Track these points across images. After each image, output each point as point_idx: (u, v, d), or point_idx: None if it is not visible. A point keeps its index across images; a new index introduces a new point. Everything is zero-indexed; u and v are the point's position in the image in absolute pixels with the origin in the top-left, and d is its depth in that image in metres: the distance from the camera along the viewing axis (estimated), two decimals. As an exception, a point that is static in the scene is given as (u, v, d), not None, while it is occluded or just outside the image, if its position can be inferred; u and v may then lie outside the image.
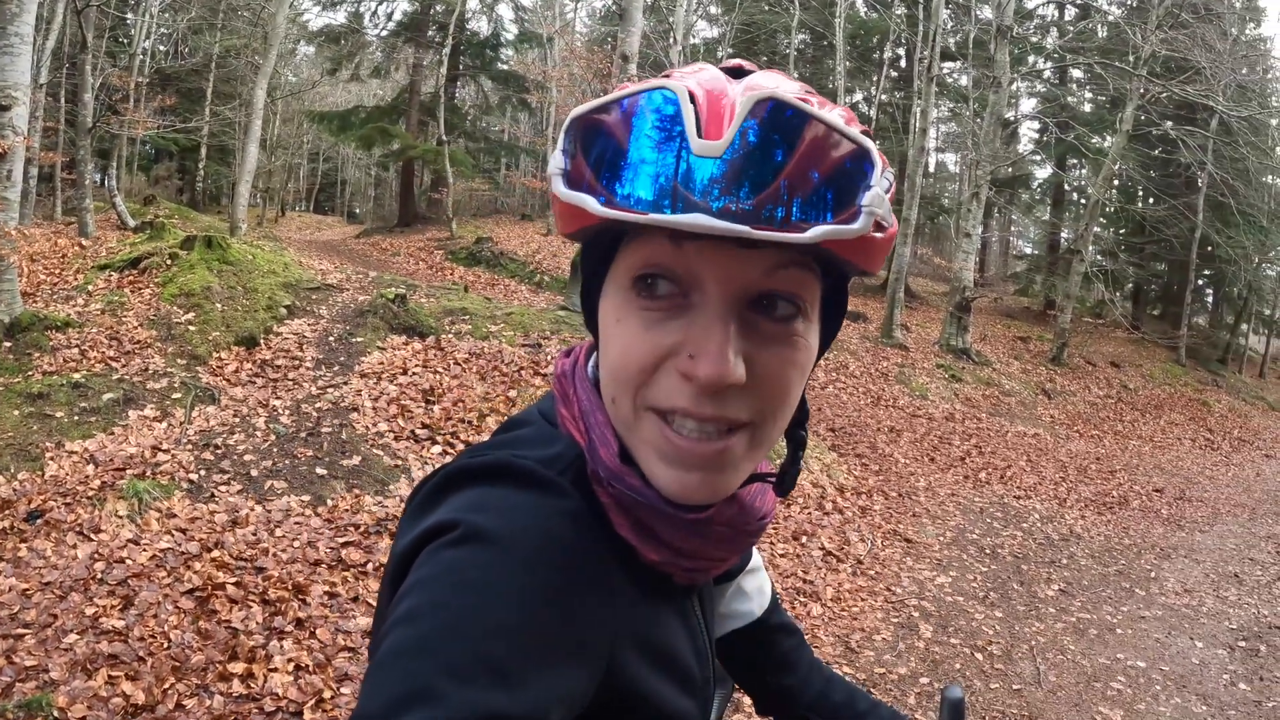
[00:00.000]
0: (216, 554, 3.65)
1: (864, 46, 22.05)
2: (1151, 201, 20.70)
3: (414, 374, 5.97)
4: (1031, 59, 20.38)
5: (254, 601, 3.40)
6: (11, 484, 4.01)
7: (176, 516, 3.95)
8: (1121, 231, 22.39)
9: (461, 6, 19.72)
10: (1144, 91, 15.37)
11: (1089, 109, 21.83)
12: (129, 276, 6.90)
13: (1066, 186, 23.98)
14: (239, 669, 3.01)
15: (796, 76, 0.57)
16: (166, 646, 3.05)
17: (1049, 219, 23.65)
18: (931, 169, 26.81)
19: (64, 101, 13.66)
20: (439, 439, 5.21)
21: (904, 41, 19.61)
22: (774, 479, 0.65)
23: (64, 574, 3.36)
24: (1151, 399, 15.05)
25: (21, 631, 3.01)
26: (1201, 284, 23.09)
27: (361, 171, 34.38)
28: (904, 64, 21.51)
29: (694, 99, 0.49)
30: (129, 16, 16.73)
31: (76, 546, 3.57)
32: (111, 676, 2.86)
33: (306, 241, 17.60)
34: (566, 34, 23.12)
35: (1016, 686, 3.98)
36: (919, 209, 15.91)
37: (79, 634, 3.03)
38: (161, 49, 17.71)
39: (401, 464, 4.86)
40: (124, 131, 15.24)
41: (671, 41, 15.00)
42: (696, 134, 0.47)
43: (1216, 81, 13.77)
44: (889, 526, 6.04)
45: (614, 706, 0.55)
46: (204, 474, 4.40)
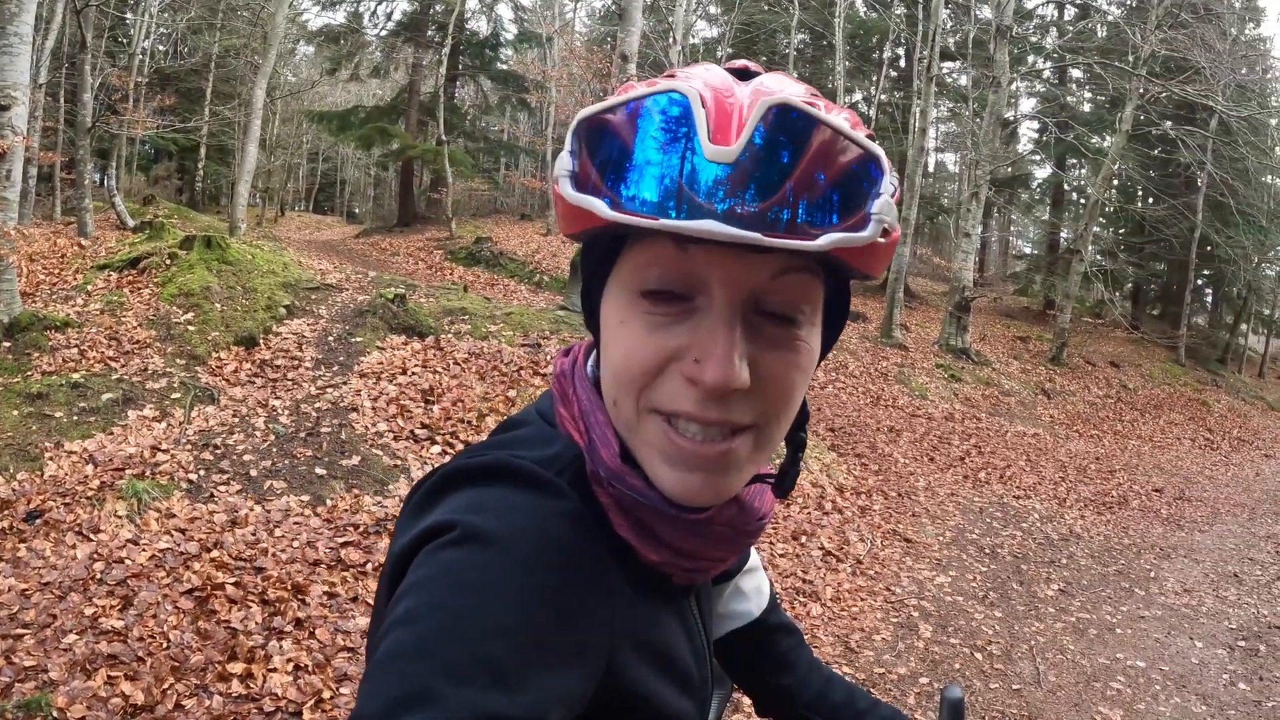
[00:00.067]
0: (216, 554, 3.65)
1: (863, 46, 22.06)
2: (1151, 201, 20.71)
3: (413, 374, 5.97)
4: (1031, 59, 20.37)
5: (253, 601, 3.40)
6: (11, 484, 4.01)
7: (176, 516, 3.95)
8: (1121, 231, 22.40)
9: (461, 6, 19.73)
10: (1143, 91, 15.38)
11: (1088, 109, 21.83)
12: (128, 276, 6.89)
13: (1066, 186, 23.98)
14: (238, 669, 3.00)
15: (796, 76, 0.57)
16: (166, 646, 3.05)
17: (1048, 219, 23.65)
18: (931, 169, 26.83)
19: (63, 101, 13.67)
20: (438, 439, 5.21)
21: (903, 41, 19.61)
22: (773, 479, 0.64)
23: (63, 574, 3.36)
24: (1151, 399, 15.05)
25: (21, 632, 3.01)
26: (1201, 284, 23.11)
27: (361, 171, 34.37)
28: (903, 64, 21.51)
29: (704, 102, 0.48)
30: (128, 16, 16.72)
31: (76, 547, 3.57)
32: (111, 677, 2.85)
33: (306, 241, 17.59)
34: (566, 34, 23.10)
35: (1016, 686, 3.98)
36: (918, 209, 15.92)
37: (78, 634, 3.03)
38: (161, 49, 17.70)
39: (401, 464, 4.86)
40: (123, 131, 15.23)
41: (671, 41, 15.01)
42: (708, 138, 0.47)
43: (1216, 81, 13.78)
44: (888, 526, 6.04)
45: (613, 707, 0.55)
46: (203, 474, 4.40)
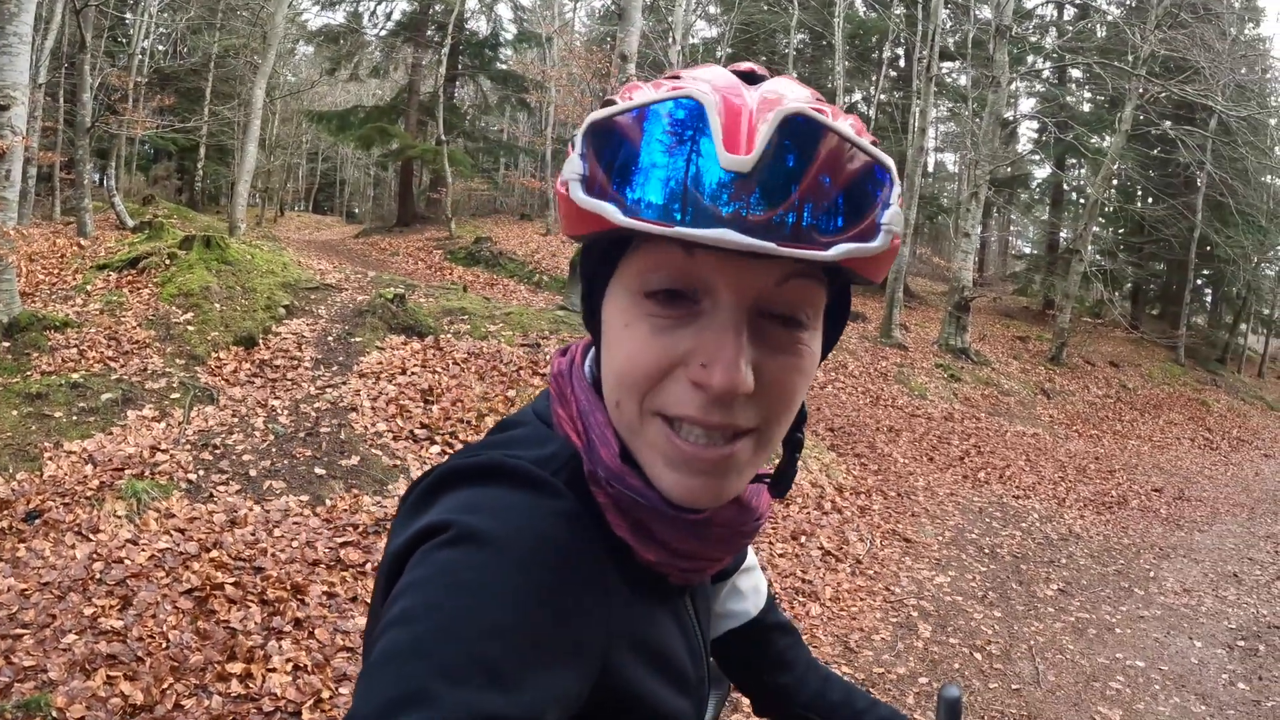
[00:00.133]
0: (215, 554, 3.65)
1: (863, 46, 22.05)
2: (1150, 201, 20.70)
3: (413, 374, 5.97)
4: (1030, 59, 20.36)
5: (252, 601, 3.40)
6: (10, 484, 4.01)
7: (175, 516, 3.95)
8: (1120, 231, 22.40)
9: (460, 6, 19.72)
10: (1143, 91, 15.38)
11: (1088, 109, 21.83)
12: (127, 276, 6.89)
13: (1065, 186, 23.98)
14: (237, 669, 3.00)
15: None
16: (165, 646, 3.05)
17: (1048, 219, 23.66)
18: (930, 168, 26.82)
19: (63, 101, 13.66)
20: (437, 439, 5.21)
21: (903, 41, 19.61)
22: (769, 479, 0.65)
23: (62, 574, 3.36)
24: (1150, 399, 15.06)
25: (20, 632, 3.01)
26: (1200, 284, 23.11)
27: (360, 171, 34.36)
28: (903, 64, 21.51)
29: (718, 108, 0.48)
30: (128, 16, 16.71)
31: (75, 547, 3.57)
32: (110, 676, 2.85)
33: (305, 241, 17.58)
34: (565, 34, 23.11)
35: (1015, 686, 3.98)
36: (918, 209, 15.93)
37: (77, 634, 3.03)
38: (160, 49, 17.68)
39: (400, 464, 4.86)
40: (123, 131, 15.23)
41: (671, 41, 15.02)
42: (722, 146, 0.47)
43: (1215, 81, 13.77)
44: (888, 526, 6.04)
45: (609, 707, 0.55)
46: (202, 474, 4.40)
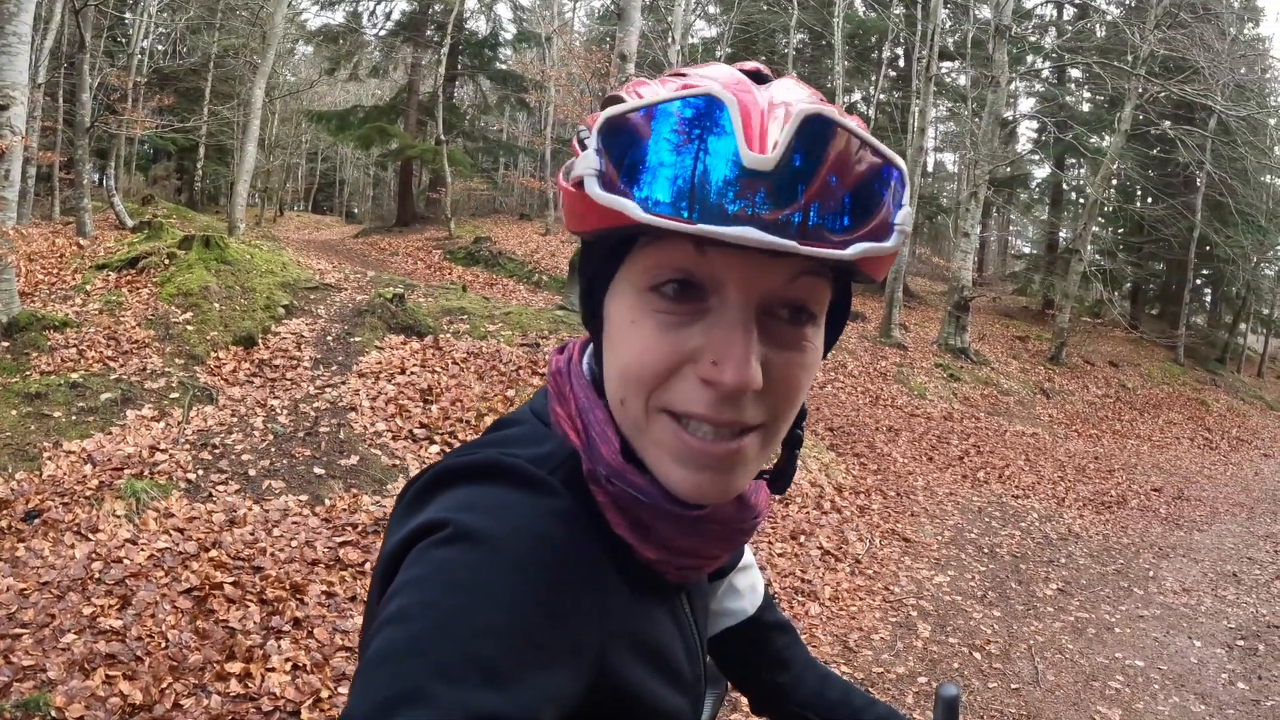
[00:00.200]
0: (214, 554, 3.65)
1: (862, 46, 22.05)
2: (1150, 201, 20.70)
3: (412, 373, 5.97)
4: (1030, 58, 20.37)
5: (252, 601, 3.40)
6: (9, 484, 4.01)
7: (174, 516, 3.95)
8: (1120, 231, 22.40)
9: (460, 6, 19.72)
10: (1142, 91, 15.37)
11: (1087, 108, 21.83)
12: (127, 276, 6.89)
13: (1065, 186, 23.99)
14: (236, 668, 3.00)
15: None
16: (164, 646, 3.05)
17: (1047, 218, 23.66)
18: (930, 168, 26.83)
19: (62, 101, 13.65)
20: (437, 439, 5.21)
21: (902, 41, 19.61)
22: (768, 476, 0.65)
23: (62, 574, 3.36)
24: (1150, 398, 15.06)
25: (19, 631, 3.01)
26: (1200, 283, 23.12)
27: (360, 171, 34.36)
28: (902, 63, 21.51)
29: (739, 108, 0.48)
30: (127, 16, 16.71)
31: (74, 546, 3.57)
32: (109, 676, 2.85)
33: (305, 241, 17.58)
34: (565, 33, 23.10)
35: (1015, 686, 3.98)
36: (917, 209, 15.91)
37: (76, 634, 3.03)
38: (160, 48, 17.67)
39: (399, 464, 4.86)
40: (122, 131, 15.23)
41: (670, 41, 15.01)
42: (744, 145, 0.47)
43: (1215, 81, 13.78)
44: (887, 526, 6.04)
45: (605, 705, 0.55)
46: (202, 474, 4.40)
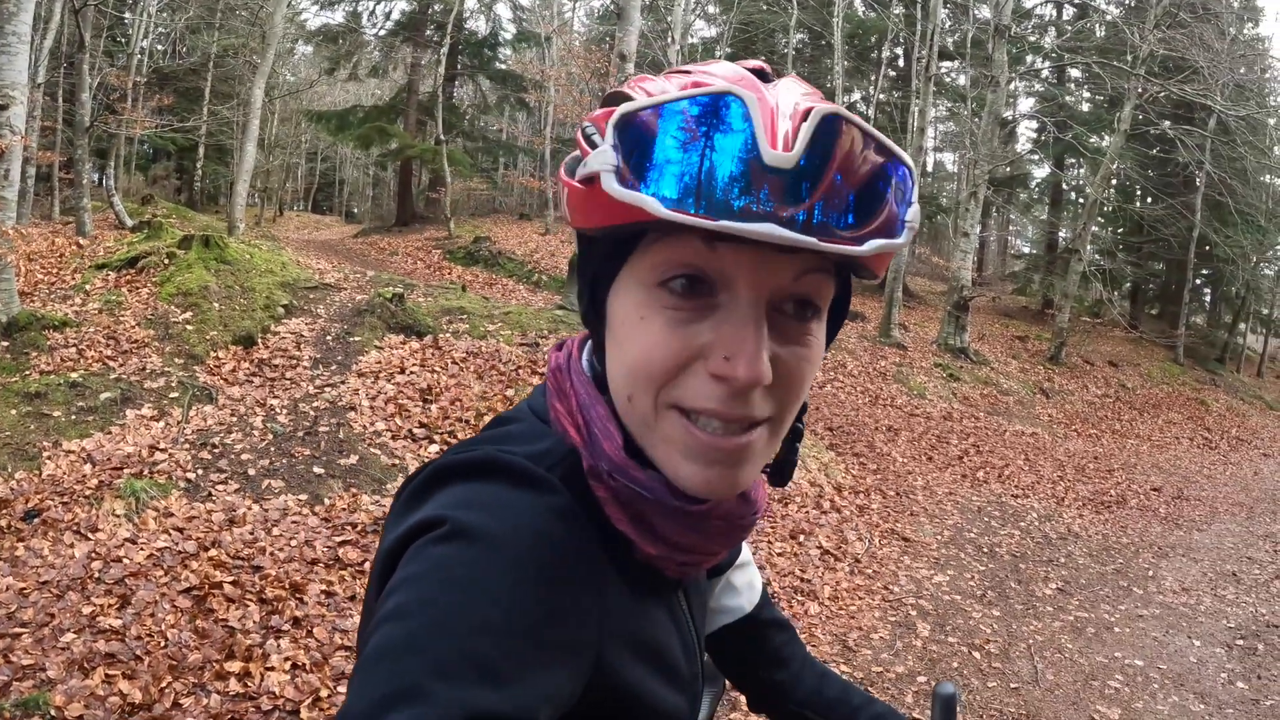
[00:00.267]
0: (214, 553, 3.65)
1: (862, 46, 22.05)
2: (1149, 201, 20.69)
3: (411, 373, 5.97)
4: (1029, 58, 20.37)
5: (251, 600, 3.40)
6: (9, 483, 4.01)
7: (174, 516, 3.95)
8: (1119, 231, 22.40)
9: (459, 6, 19.71)
10: (1142, 91, 15.37)
11: (1087, 108, 21.82)
12: (126, 276, 6.89)
13: (1064, 186, 23.99)
14: (236, 668, 3.01)
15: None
16: (164, 645, 3.05)
17: (1047, 218, 23.66)
18: (929, 168, 26.83)
19: (62, 101, 13.66)
20: (436, 438, 5.21)
21: (902, 41, 19.61)
22: (768, 470, 0.65)
23: (61, 573, 3.36)
24: (1149, 398, 15.06)
25: (19, 630, 3.01)
26: (1199, 283, 23.12)
27: (359, 171, 34.35)
28: (902, 63, 21.51)
29: (759, 106, 0.48)
30: (127, 16, 16.70)
31: (74, 546, 3.57)
32: (109, 675, 2.85)
33: (304, 241, 17.57)
34: (564, 33, 23.11)
35: (1014, 685, 3.99)
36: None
37: (76, 633, 3.03)
38: (159, 48, 17.67)
39: (399, 463, 4.86)
40: (122, 131, 15.23)
41: (670, 41, 15.00)
42: (766, 143, 0.47)
43: (1214, 81, 13.78)
44: (887, 525, 6.04)
45: (603, 703, 0.55)
46: (201, 473, 4.40)
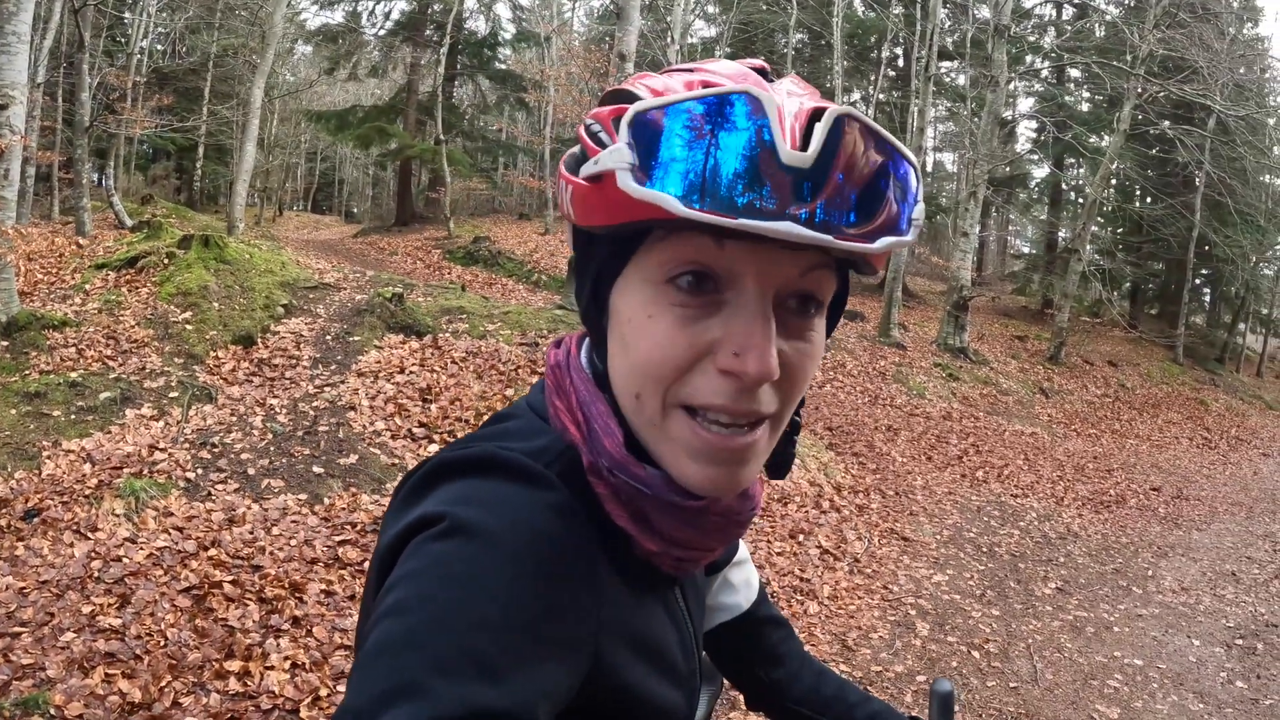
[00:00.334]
0: (213, 552, 3.65)
1: (861, 46, 22.05)
2: (1149, 201, 20.69)
3: (411, 373, 5.97)
4: (1029, 58, 20.36)
5: (251, 600, 3.40)
6: (9, 483, 4.01)
7: (173, 515, 3.95)
8: (1119, 231, 22.41)
9: (459, 6, 19.71)
10: (1141, 91, 15.37)
11: (1086, 108, 21.83)
12: (126, 275, 6.89)
13: (1064, 186, 23.98)
14: (236, 667, 3.01)
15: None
16: (163, 644, 3.05)
17: (1046, 218, 23.66)
18: (929, 168, 26.82)
19: (61, 101, 13.66)
20: (436, 438, 5.21)
21: (901, 41, 19.61)
22: (765, 463, 0.65)
23: (61, 572, 3.36)
24: (1149, 398, 15.06)
25: (18, 630, 3.01)
26: (1199, 283, 23.13)
27: (359, 171, 34.35)
28: (901, 63, 21.51)
29: (776, 106, 0.48)
30: (126, 16, 16.70)
31: (73, 545, 3.57)
32: (108, 674, 2.86)
33: (304, 241, 17.58)
34: (564, 33, 23.12)
35: (1013, 684, 3.99)
36: (917, 208, 15.86)
37: (76, 632, 3.03)
38: (159, 48, 17.67)
39: (398, 463, 4.86)
40: (121, 131, 15.22)
41: (669, 40, 15.02)
42: (785, 142, 0.47)
43: (1214, 81, 13.79)
44: (886, 525, 6.05)
45: (601, 699, 0.55)
46: (201, 473, 4.40)
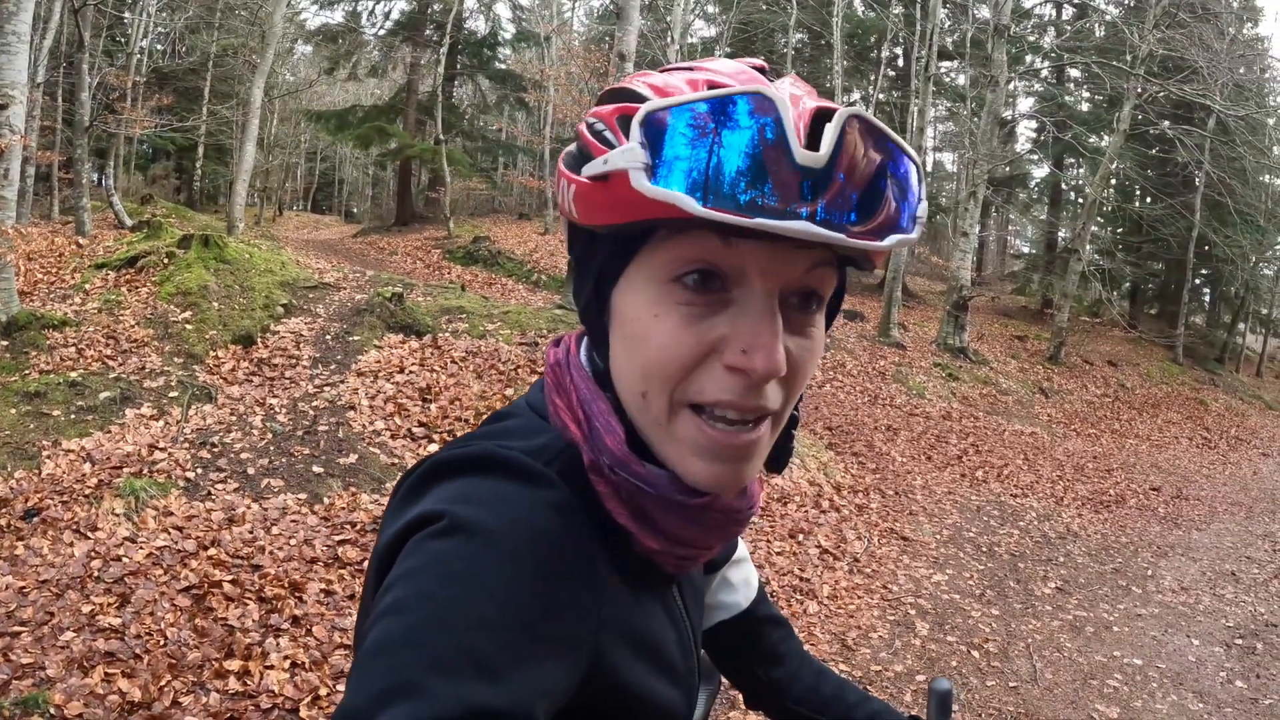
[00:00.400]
0: (213, 552, 3.66)
1: (861, 45, 22.05)
2: (1149, 201, 20.69)
3: (411, 372, 5.98)
4: (1029, 58, 20.36)
5: (250, 599, 3.40)
6: (9, 482, 4.01)
7: (173, 515, 3.95)
8: (1119, 230, 22.41)
9: (459, 5, 19.70)
10: (1141, 91, 15.37)
11: (1086, 108, 21.83)
12: (126, 275, 6.89)
13: (1064, 186, 23.98)
14: (235, 666, 3.01)
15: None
16: (163, 644, 3.05)
17: (1046, 218, 23.67)
18: (929, 168, 26.80)
19: (61, 101, 13.66)
20: (435, 437, 5.21)
21: (901, 41, 19.60)
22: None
23: (61, 572, 3.36)
24: (1149, 398, 15.06)
25: (18, 629, 3.01)
26: (1199, 283, 23.12)
27: (359, 171, 34.35)
28: (901, 63, 21.50)
29: (788, 105, 0.48)
30: (126, 15, 16.70)
31: (73, 544, 3.57)
32: (108, 674, 2.86)
33: (304, 240, 17.57)
34: (564, 33, 23.12)
35: (1013, 684, 3.99)
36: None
37: (76, 632, 3.03)
38: (159, 48, 17.68)
39: (398, 462, 4.86)
40: (121, 131, 15.22)
41: (669, 40, 15.02)
42: (798, 143, 0.47)
43: (1214, 81, 13.79)
44: (886, 525, 6.05)
45: (600, 698, 0.55)
46: (201, 472, 4.40)
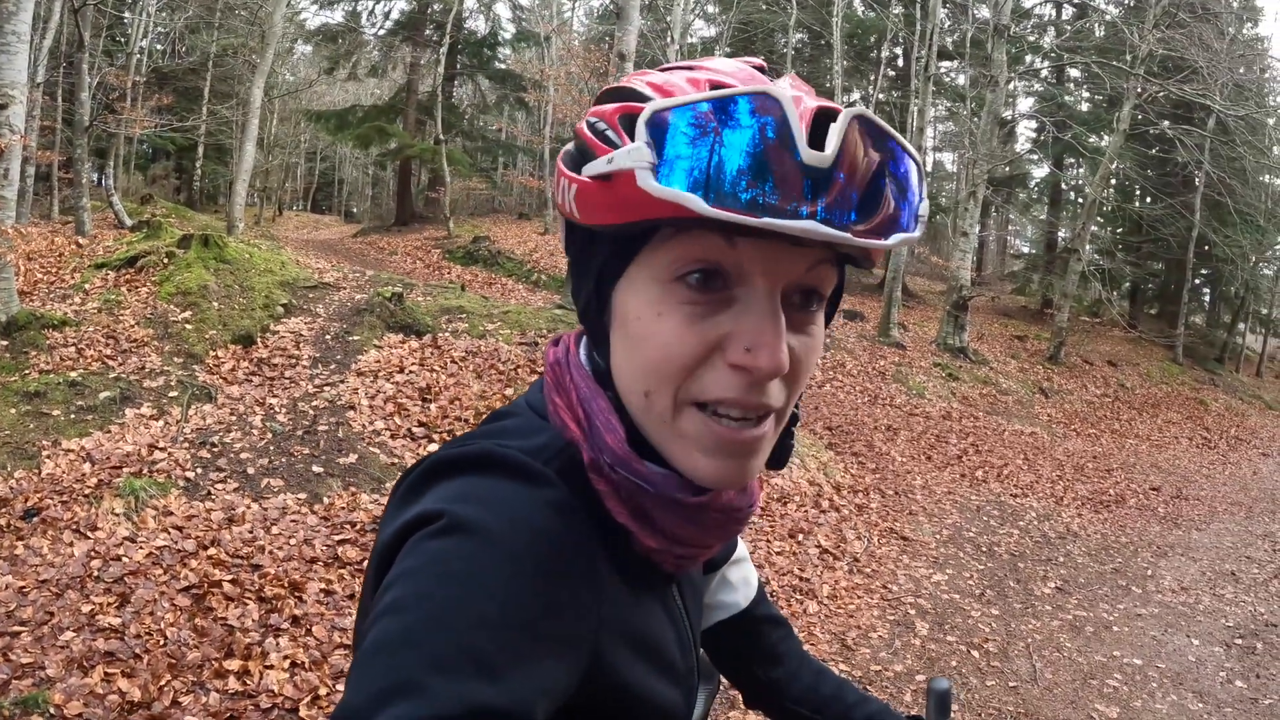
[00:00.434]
0: (213, 552, 3.66)
1: (861, 45, 22.06)
2: (1149, 201, 20.69)
3: (410, 372, 5.98)
4: (1029, 58, 20.36)
5: (250, 599, 3.41)
6: (8, 482, 4.01)
7: (173, 514, 3.95)
8: (1119, 230, 22.41)
9: (459, 5, 19.70)
10: (1141, 91, 15.37)
11: (1086, 108, 21.83)
12: (126, 275, 6.88)
13: (1064, 185, 23.98)
14: (235, 666, 3.01)
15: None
16: (163, 644, 3.05)
17: (1046, 218, 23.67)
18: (929, 168, 26.81)
19: (61, 100, 13.66)
20: (435, 437, 5.22)
21: (901, 40, 19.61)
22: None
23: (60, 572, 3.36)
24: (1148, 398, 15.06)
25: (18, 629, 3.01)
26: (1199, 283, 23.12)
27: (359, 171, 34.35)
28: (901, 63, 21.51)
29: (793, 105, 0.49)
30: (126, 15, 16.70)
31: (73, 544, 3.57)
32: (108, 674, 2.86)
33: (304, 240, 17.58)
34: (564, 33, 23.12)
35: (1013, 684, 3.99)
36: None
37: (75, 631, 3.03)
38: (159, 48, 17.68)
39: (398, 462, 4.87)
40: (121, 130, 15.21)
41: (669, 40, 15.02)
42: (804, 143, 0.48)
43: (1214, 81, 13.79)
44: (885, 524, 6.05)
45: (599, 697, 0.55)
46: (200, 472, 4.40)
